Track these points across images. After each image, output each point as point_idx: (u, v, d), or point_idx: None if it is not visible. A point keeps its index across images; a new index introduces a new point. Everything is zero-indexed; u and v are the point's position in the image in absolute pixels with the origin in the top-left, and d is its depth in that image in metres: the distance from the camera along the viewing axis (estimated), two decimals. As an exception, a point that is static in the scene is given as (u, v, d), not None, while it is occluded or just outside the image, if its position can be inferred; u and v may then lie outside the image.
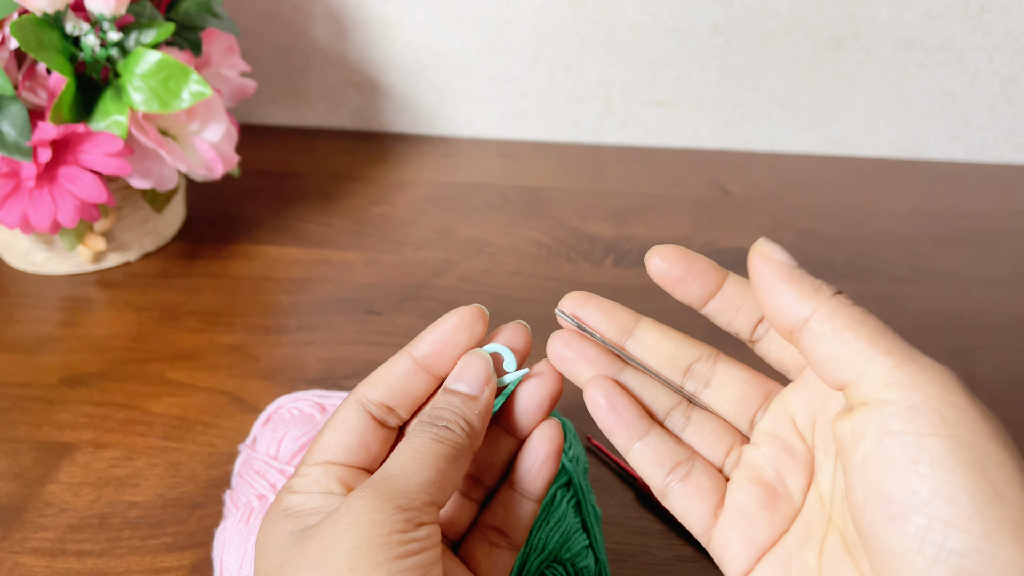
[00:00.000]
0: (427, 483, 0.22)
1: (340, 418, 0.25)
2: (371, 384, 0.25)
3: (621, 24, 0.65)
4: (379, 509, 0.21)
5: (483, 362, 0.25)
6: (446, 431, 0.23)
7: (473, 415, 0.24)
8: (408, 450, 0.23)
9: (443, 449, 0.23)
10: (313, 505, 0.23)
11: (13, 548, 0.36)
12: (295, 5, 0.67)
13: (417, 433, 0.23)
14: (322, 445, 0.24)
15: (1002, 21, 0.63)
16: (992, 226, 0.60)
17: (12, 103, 0.43)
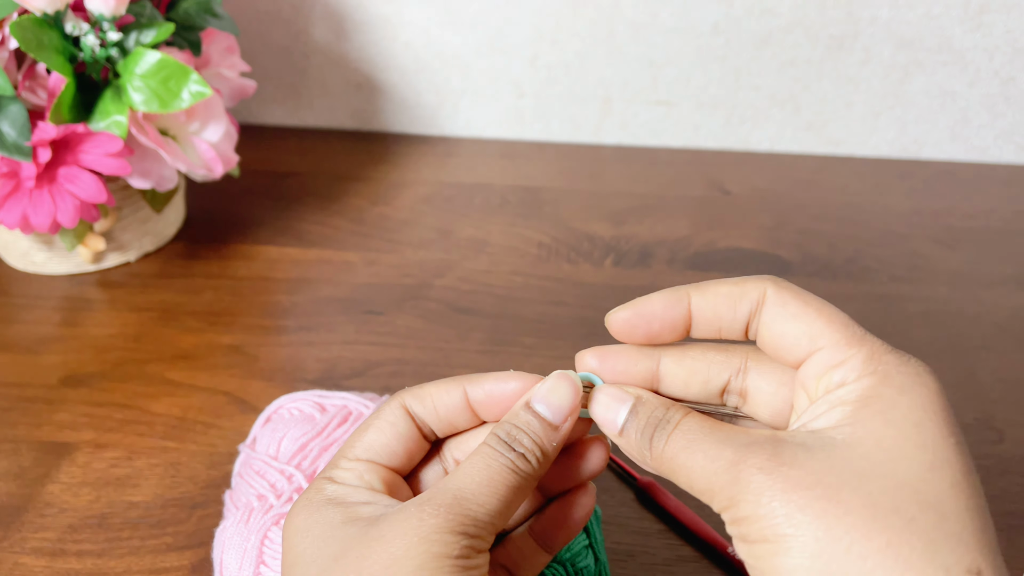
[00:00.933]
0: (496, 513, 0.22)
1: (387, 421, 0.25)
2: (419, 400, 0.25)
3: (621, 24, 0.65)
4: (449, 533, 0.21)
5: (572, 390, 0.24)
6: (523, 461, 0.23)
7: (550, 446, 0.23)
8: (483, 473, 0.22)
9: (516, 480, 0.22)
10: (361, 497, 0.23)
11: (13, 548, 0.36)
12: (295, 5, 0.67)
13: (494, 455, 0.23)
14: (365, 444, 0.24)
15: (1002, 21, 0.63)
16: (992, 226, 0.60)
17: (12, 103, 0.43)
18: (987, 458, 0.41)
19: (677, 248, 0.57)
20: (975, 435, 0.42)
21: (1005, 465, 0.40)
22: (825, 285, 0.53)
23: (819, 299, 0.23)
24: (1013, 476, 0.40)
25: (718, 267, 0.55)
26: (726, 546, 0.35)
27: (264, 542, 0.31)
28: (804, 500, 0.19)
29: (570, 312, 0.50)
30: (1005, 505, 0.38)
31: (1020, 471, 0.40)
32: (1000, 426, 0.43)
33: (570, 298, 0.52)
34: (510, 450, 0.23)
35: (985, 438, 0.42)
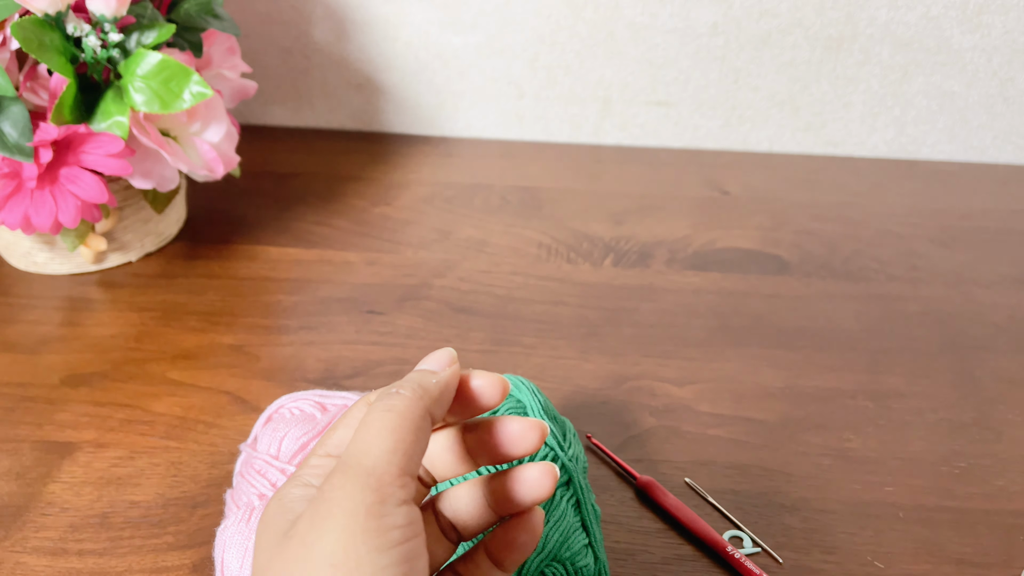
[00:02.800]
0: (388, 452, 0.21)
1: (355, 417, 0.25)
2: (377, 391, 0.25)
3: (620, 25, 0.66)
4: (349, 494, 0.20)
5: (448, 352, 0.25)
6: (396, 397, 0.23)
7: (429, 382, 0.23)
8: (362, 426, 0.22)
9: (394, 417, 0.22)
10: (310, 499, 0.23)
11: (14, 547, 0.36)
12: (296, 6, 0.67)
13: (369, 410, 0.23)
14: (337, 441, 0.24)
15: (1000, 22, 0.63)
16: (990, 226, 0.60)
17: (13, 104, 0.44)
18: (985, 457, 0.41)
19: (676, 248, 0.57)
20: (973, 435, 0.42)
21: (1003, 465, 0.41)
22: (823, 285, 0.53)
23: None
24: (1011, 475, 0.40)
25: (717, 267, 0.55)
26: (725, 545, 0.35)
27: (265, 541, 0.31)
28: None
29: (570, 312, 0.50)
30: (1003, 504, 0.38)
31: (1018, 470, 0.40)
32: (998, 426, 0.43)
33: (570, 298, 0.52)
34: (382, 396, 0.23)
35: (983, 437, 0.42)
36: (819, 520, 0.37)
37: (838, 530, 0.37)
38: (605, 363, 0.46)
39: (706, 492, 0.39)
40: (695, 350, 0.47)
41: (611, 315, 0.50)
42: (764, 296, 0.52)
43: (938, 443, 0.42)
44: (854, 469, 0.40)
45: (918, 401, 0.44)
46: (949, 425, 0.43)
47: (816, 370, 0.46)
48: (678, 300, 0.52)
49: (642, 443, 0.41)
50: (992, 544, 0.36)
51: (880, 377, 0.46)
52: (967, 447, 0.41)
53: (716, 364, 0.46)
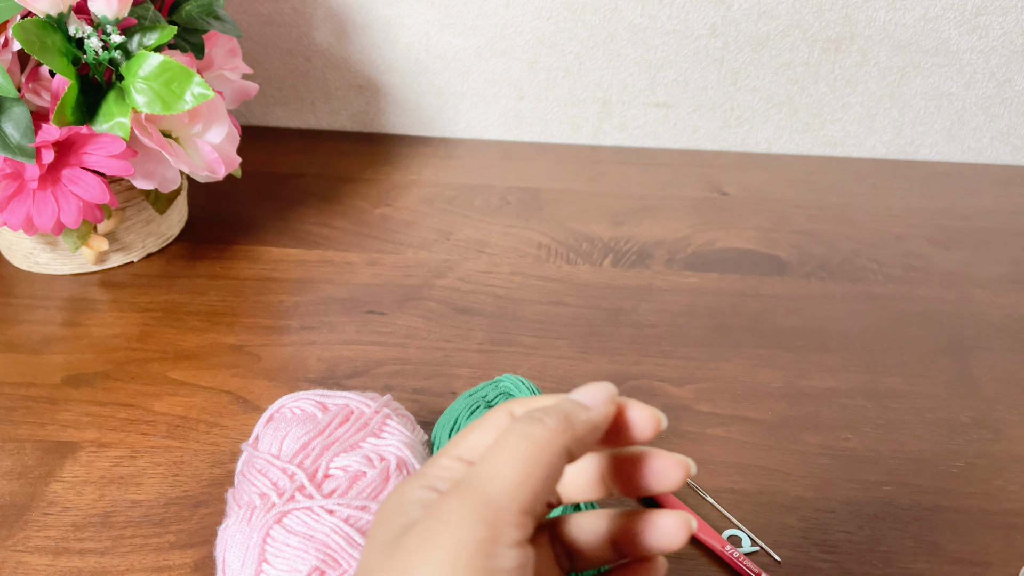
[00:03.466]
0: (514, 485, 0.19)
1: (492, 425, 0.23)
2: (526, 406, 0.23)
3: (619, 27, 0.66)
4: (463, 521, 0.19)
5: (609, 389, 0.23)
6: (538, 425, 0.21)
7: (578, 418, 0.21)
8: (495, 448, 0.20)
9: (532, 445, 0.20)
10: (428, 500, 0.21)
11: (16, 547, 0.36)
12: (297, 8, 0.67)
13: (509, 429, 0.21)
14: (468, 444, 0.23)
15: (998, 23, 0.64)
16: (988, 227, 0.61)
17: (16, 105, 0.44)
18: (983, 457, 0.41)
19: (675, 249, 0.57)
20: (971, 434, 0.42)
21: (1001, 464, 0.41)
22: (822, 285, 0.54)
23: None
24: (1009, 475, 0.40)
25: (716, 267, 0.55)
26: (724, 544, 0.35)
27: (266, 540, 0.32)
28: None
29: (570, 312, 0.51)
30: (1001, 504, 0.39)
31: (1016, 470, 0.40)
32: (996, 425, 0.43)
33: (569, 298, 0.52)
34: (525, 420, 0.21)
35: (981, 437, 0.42)
36: (817, 519, 0.38)
37: (836, 529, 0.37)
38: (604, 363, 0.46)
39: (705, 491, 0.39)
40: (694, 350, 0.48)
41: (610, 315, 0.50)
42: (763, 296, 0.53)
43: (936, 443, 0.42)
44: (852, 468, 0.40)
45: (916, 401, 0.44)
46: (947, 425, 0.43)
47: (814, 370, 0.46)
48: (677, 300, 0.52)
49: (641, 443, 0.41)
50: (990, 543, 0.37)
51: (878, 377, 0.46)
52: (965, 447, 0.42)
53: (715, 364, 0.46)
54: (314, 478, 0.33)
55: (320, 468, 0.33)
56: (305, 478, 0.33)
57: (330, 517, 0.32)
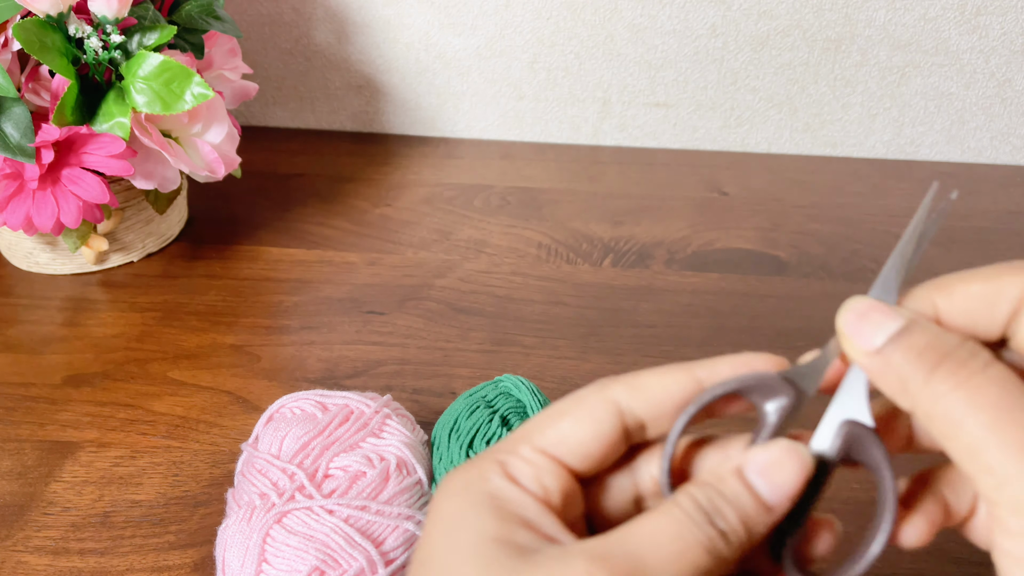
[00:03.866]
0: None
1: (591, 415, 0.20)
2: (637, 390, 0.20)
3: (619, 27, 0.66)
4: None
5: (800, 469, 0.19)
6: (723, 541, 0.18)
7: (758, 531, 0.19)
8: (672, 545, 0.18)
9: (706, 562, 0.18)
10: (525, 513, 0.19)
11: (16, 547, 0.36)
12: (297, 8, 0.67)
13: (688, 525, 0.18)
14: (558, 435, 0.20)
15: (998, 23, 0.64)
16: (988, 227, 0.61)
17: (15, 105, 0.44)
18: (982, 456, 0.41)
19: (675, 249, 0.57)
20: (971, 434, 0.42)
21: (1000, 463, 0.41)
22: (821, 286, 0.54)
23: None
24: (1008, 474, 0.40)
25: (716, 267, 0.55)
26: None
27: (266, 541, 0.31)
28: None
29: (569, 312, 0.51)
30: (1000, 503, 0.39)
31: (1015, 469, 0.40)
32: (995, 425, 0.43)
33: (569, 298, 0.52)
34: (709, 524, 0.18)
35: (981, 437, 0.42)
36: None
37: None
38: (605, 363, 0.46)
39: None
40: (694, 350, 0.48)
41: (610, 315, 0.50)
42: (763, 296, 0.52)
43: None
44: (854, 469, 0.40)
45: (916, 401, 0.44)
46: (947, 425, 0.43)
47: (815, 370, 0.46)
48: (677, 300, 0.52)
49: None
50: (989, 543, 0.37)
51: (878, 377, 0.46)
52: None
53: (715, 364, 0.46)
54: (314, 478, 0.33)
55: (320, 468, 0.33)
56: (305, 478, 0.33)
57: (330, 517, 0.32)
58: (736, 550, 0.19)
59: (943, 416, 0.18)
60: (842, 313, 0.20)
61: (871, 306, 0.19)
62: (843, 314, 0.19)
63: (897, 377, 0.18)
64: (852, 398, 0.21)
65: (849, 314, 0.19)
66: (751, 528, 0.19)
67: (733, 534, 0.18)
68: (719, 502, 0.19)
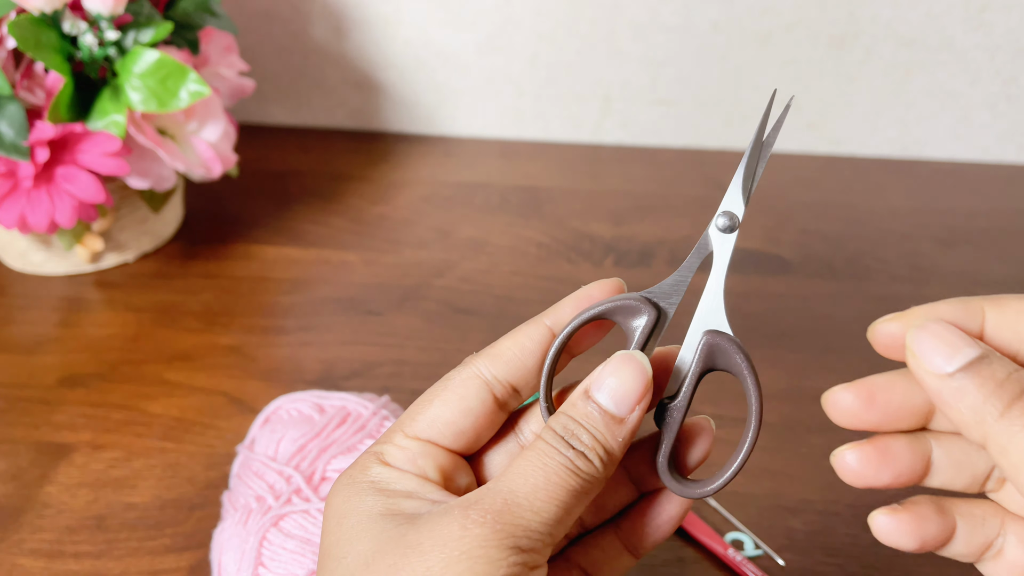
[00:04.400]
0: (552, 521, 0.19)
1: (457, 394, 0.22)
2: (497, 359, 0.22)
3: (620, 23, 0.65)
4: (496, 546, 0.18)
5: (640, 375, 0.21)
6: (583, 460, 0.20)
7: (615, 442, 0.20)
8: (537, 474, 0.19)
9: (576, 483, 0.19)
10: (406, 487, 0.20)
11: (11, 550, 0.35)
12: (294, 4, 0.67)
13: (549, 452, 0.20)
14: (428, 419, 0.21)
15: (1003, 20, 0.63)
16: (993, 226, 0.60)
17: (10, 102, 0.43)
18: (989, 459, 0.41)
19: (677, 248, 0.57)
20: (977, 436, 0.42)
21: (1007, 466, 0.40)
22: (826, 285, 0.53)
23: None
24: (1015, 477, 0.40)
25: (718, 267, 0.55)
26: (727, 548, 0.35)
27: (262, 543, 0.31)
28: None
29: (570, 312, 0.50)
30: (1007, 506, 0.38)
31: (1022, 472, 0.40)
32: (1002, 427, 0.43)
33: (570, 298, 0.51)
34: (568, 447, 0.20)
35: (987, 439, 0.42)
36: (822, 522, 0.37)
37: (841, 532, 0.37)
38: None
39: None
40: (696, 350, 0.47)
41: (612, 315, 0.50)
42: (766, 296, 0.52)
43: (942, 444, 0.41)
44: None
45: (921, 402, 0.44)
46: (953, 426, 0.42)
47: (819, 371, 0.46)
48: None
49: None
50: (997, 547, 0.36)
51: (883, 378, 0.45)
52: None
53: (717, 365, 0.46)
54: (311, 480, 0.33)
55: (317, 470, 0.33)
56: (302, 481, 0.33)
57: (327, 521, 0.31)
58: (601, 467, 0.20)
59: (1019, 453, 0.18)
60: (914, 332, 0.19)
61: (947, 328, 0.19)
62: (916, 332, 0.19)
63: (969, 408, 0.18)
64: (712, 310, 0.24)
65: (922, 333, 0.19)
66: (608, 443, 0.20)
67: (591, 452, 0.20)
68: (572, 426, 0.20)
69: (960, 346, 0.19)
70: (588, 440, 0.20)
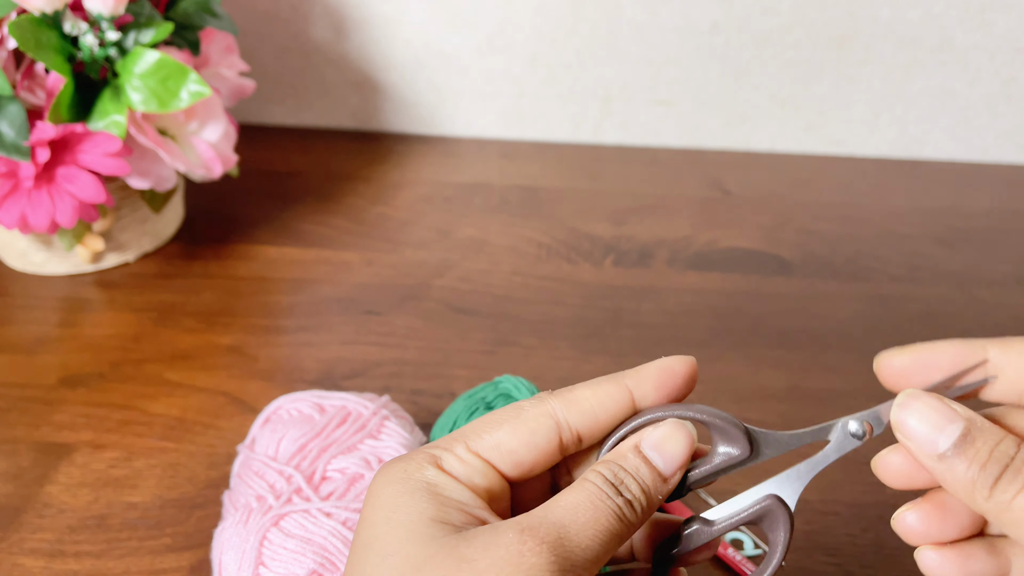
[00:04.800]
0: (594, 559, 0.20)
1: (528, 427, 0.22)
2: (573, 405, 0.23)
3: (621, 23, 0.65)
4: (548, 574, 0.19)
5: (687, 441, 0.22)
6: (629, 509, 0.21)
7: (656, 498, 0.22)
8: (588, 513, 0.20)
9: (619, 528, 0.21)
10: (459, 498, 0.21)
11: (11, 549, 0.36)
12: (294, 4, 0.67)
13: (599, 495, 0.21)
14: (494, 441, 0.22)
15: (1003, 20, 0.63)
16: (992, 226, 0.60)
17: (10, 103, 0.43)
18: (988, 459, 0.41)
19: (677, 248, 0.57)
20: (976, 435, 0.42)
21: (1006, 466, 0.40)
22: (825, 285, 0.53)
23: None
24: (1014, 477, 0.40)
25: (718, 267, 0.55)
26: (726, 546, 0.35)
27: (263, 543, 0.31)
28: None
29: (570, 312, 0.50)
30: (1006, 506, 0.38)
31: (1021, 472, 0.40)
32: (1001, 426, 0.43)
33: (570, 298, 0.51)
34: (617, 494, 0.21)
35: (986, 438, 0.42)
36: (821, 522, 0.37)
37: (840, 532, 0.37)
38: (606, 364, 0.46)
39: (707, 494, 0.38)
40: (696, 350, 0.47)
41: (612, 315, 0.50)
42: (765, 296, 0.52)
43: (941, 444, 0.41)
44: (856, 471, 0.40)
45: (920, 402, 0.44)
46: (952, 426, 0.42)
47: (818, 371, 0.46)
48: (679, 300, 0.52)
49: (643, 444, 0.41)
50: (995, 546, 0.36)
51: (882, 378, 0.46)
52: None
53: (717, 365, 0.46)
54: (311, 480, 0.33)
55: (317, 470, 0.33)
56: (302, 480, 0.33)
57: (327, 520, 0.31)
58: (640, 515, 0.21)
59: (1014, 522, 0.19)
60: (900, 413, 0.21)
61: (929, 406, 0.20)
62: (901, 414, 0.21)
63: (962, 486, 0.20)
64: (791, 480, 0.24)
65: (908, 417, 0.21)
66: (651, 496, 0.22)
67: (636, 502, 0.21)
68: (622, 475, 0.22)
69: (943, 424, 0.20)
70: (636, 491, 0.21)
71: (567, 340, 0.48)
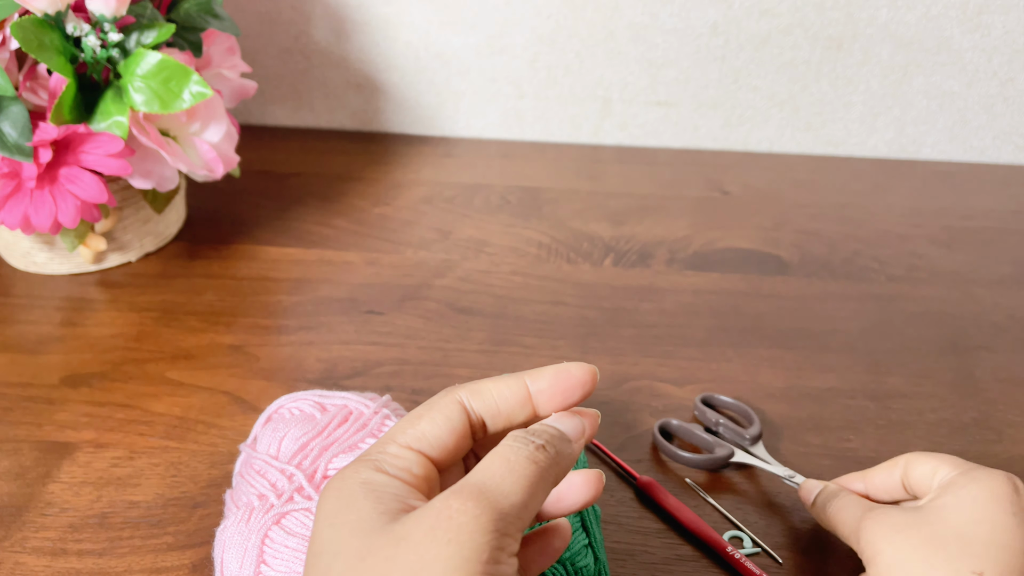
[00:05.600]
0: (521, 505, 0.22)
1: (443, 414, 0.24)
2: (479, 395, 0.25)
3: (620, 25, 0.66)
4: (481, 530, 0.20)
5: (582, 424, 0.25)
6: (543, 452, 0.23)
7: (567, 450, 0.24)
8: (505, 466, 0.22)
9: (538, 471, 0.22)
10: (396, 491, 0.23)
11: (14, 548, 0.36)
12: (295, 6, 0.67)
13: (514, 448, 0.23)
14: (419, 434, 0.24)
15: (1000, 21, 0.63)
16: (990, 226, 0.60)
17: (13, 104, 0.43)
18: (985, 458, 0.41)
19: (676, 248, 0.57)
20: (973, 435, 0.42)
21: (1003, 465, 0.40)
22: (824, 285, 0.53)
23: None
24: (1011, 475, 0.40)
25: (717, 267, 0.55)
26: (725, 546, 0.35)
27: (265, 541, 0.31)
28: (891, 531, 0.30)
29: (570, 312, 0.50)
30: (1003, 504, 0.38)
31: (1018, 470, 0.40)
32: (998, 426, 0.43)
33: (570, 298, 0.52)
34: (529, 442, 0.23)
35: (983, 438, 0.42)
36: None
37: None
38: (605, 363, 0.46)
39: (706, 492, 0.39)
40: (695, 350, 0.47)
41: (611, 315, 0.50)
42: (764, 296, 0.52)
43: (938, 443, 0.42)
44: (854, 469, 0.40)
45: (918, 401, 0.44)
46: (949, 425, 0.43)
47: (816, 370, 0.46)
48: (678, 300, 0.52)
49: (642, 443, 0.41)
50: (992, 544, 0.36)
51: (880, 377, 0.46)
52: (967, 447, 0.41)
53: (716, 364, 0.46)
54: (313, 479, 0.33)
55: (319, 469, 0.33)
56: (304, 479, 0.33)
57: (329, 519, 0.31)
58: (554, 457, 0.23)
59: (833, 525, 0.34)
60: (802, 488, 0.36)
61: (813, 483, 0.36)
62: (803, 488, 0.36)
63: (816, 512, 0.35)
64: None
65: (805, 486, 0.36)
66: (558, 447, 0.24)
67: (549, 446, 0.23)
68: (530, 432, 0.24)
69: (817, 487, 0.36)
70: (545, 437, 0.24)
71: (567, 340, 0.48)
